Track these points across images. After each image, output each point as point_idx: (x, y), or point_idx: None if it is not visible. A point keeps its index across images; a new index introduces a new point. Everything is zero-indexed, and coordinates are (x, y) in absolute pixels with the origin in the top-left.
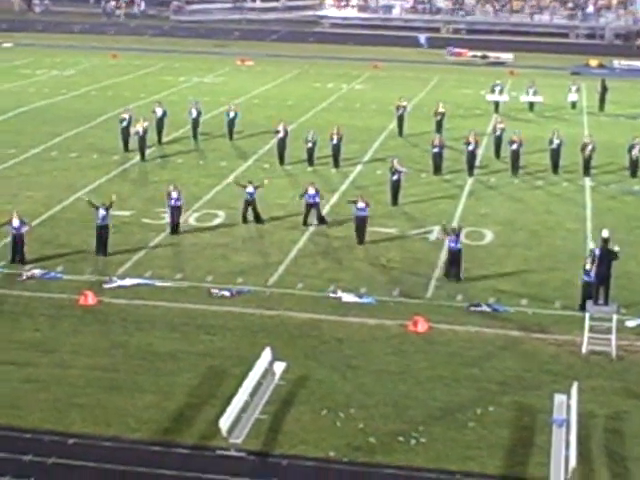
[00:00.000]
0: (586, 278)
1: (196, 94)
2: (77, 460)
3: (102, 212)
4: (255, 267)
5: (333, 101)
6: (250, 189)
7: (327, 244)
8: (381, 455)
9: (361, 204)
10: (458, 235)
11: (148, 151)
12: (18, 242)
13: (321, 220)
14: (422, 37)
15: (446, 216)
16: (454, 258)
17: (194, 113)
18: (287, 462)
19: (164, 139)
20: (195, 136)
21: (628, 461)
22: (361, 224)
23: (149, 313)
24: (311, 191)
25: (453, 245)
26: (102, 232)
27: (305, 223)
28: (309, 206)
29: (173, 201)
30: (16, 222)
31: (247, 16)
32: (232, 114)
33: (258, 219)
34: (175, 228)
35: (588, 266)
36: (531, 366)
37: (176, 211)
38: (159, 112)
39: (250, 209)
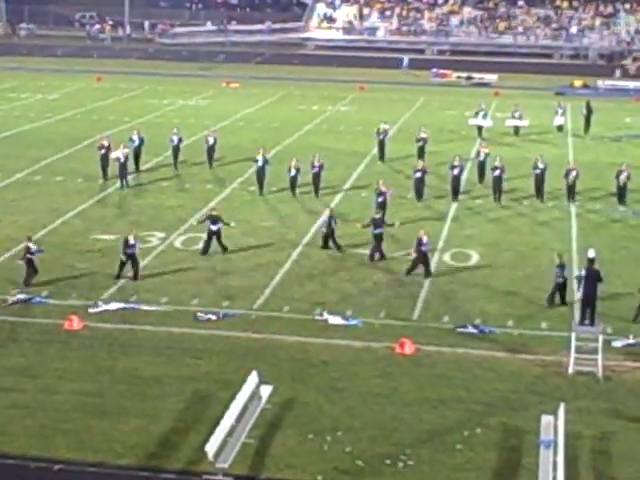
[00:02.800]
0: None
1: (181, 117)
2: None
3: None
4: (241, 290)
5: (318, 123)
6: (326, 215)
7: (312, 267)
8: (369, 478)
9: (425, 238)
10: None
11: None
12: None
13: (382, 255)
14: (405, 59)
15: (432, 238)
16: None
17: (175, 140)
18: None
19: (143, 166)
20: (176, 163)
21: None
22: (424, 257)
23: (135, 337)
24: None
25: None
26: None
27: (372, 258)
28: (376, 237)
29: (215, 227)
30: (33, 247)
31: (232, 39)
32: (211, 140)
33: (328, 245)
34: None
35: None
36: (517, 387)
37: (216, 234)
38: (136, 139)
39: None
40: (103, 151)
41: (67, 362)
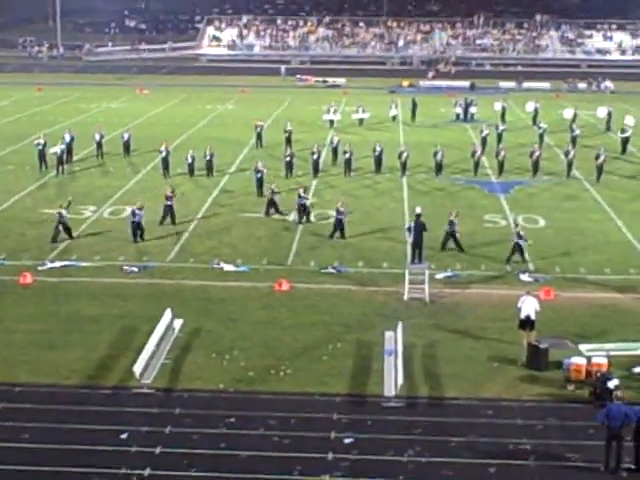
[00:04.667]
0: (517, 239)
1: (105, 117)
2: (23, 403)
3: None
4: (156, 247)
5: (211, 118)
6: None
7: (210, 228)
8: (259, 385)
9: (341, 209)
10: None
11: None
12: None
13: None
14: (283, 68)
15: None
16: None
17: (97, 137)
18: (187, 395)
19: (75, 157)
20: (100, 155)
21: (441, 377)
22: (340, 225)
23: (75, 287)
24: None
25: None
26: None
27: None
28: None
29: (169, 200)
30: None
31: (142, 55)
32: (126, 136)
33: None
34: (173, 220)
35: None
36: (367, 311)
37: (169, 208)
38: (67, 137)
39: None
40: (40, 147)
41: (22, 309)
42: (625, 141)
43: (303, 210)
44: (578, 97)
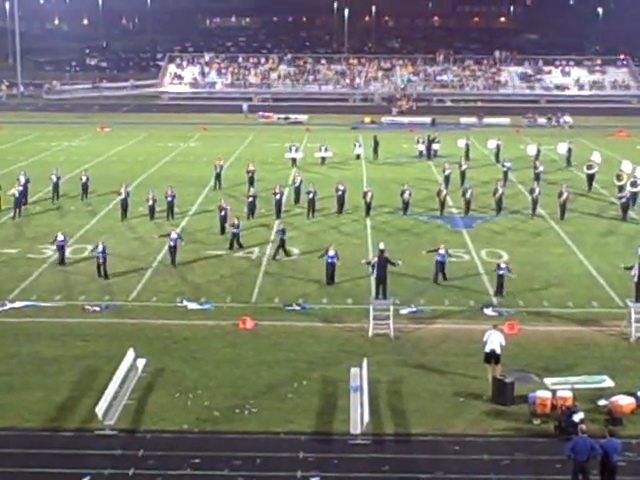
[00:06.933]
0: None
1: (66, 155)
2: None
3: None
4: (118, 286)
5: (173, 156)
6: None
7: (173, 267)
8: (223, 424)
9: (332, 252)
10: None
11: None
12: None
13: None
14: (245, 106)
15: (264, 238)
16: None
17: (54, 178)
18: (150, 436)
19: (35, 197)
20: (57, 197)
21: (407, 413)
22: (331, 268)
23: (36, 328)
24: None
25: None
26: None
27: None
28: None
29: (172, 242)
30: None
31: (104, 93)
32: (84, 178)
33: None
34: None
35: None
36: (332, 348)
37: (174, 249)
38: (22, 179)
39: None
40: None
41: None
42: (591, 178)
43: (281, 246)
44: (538, 132)
